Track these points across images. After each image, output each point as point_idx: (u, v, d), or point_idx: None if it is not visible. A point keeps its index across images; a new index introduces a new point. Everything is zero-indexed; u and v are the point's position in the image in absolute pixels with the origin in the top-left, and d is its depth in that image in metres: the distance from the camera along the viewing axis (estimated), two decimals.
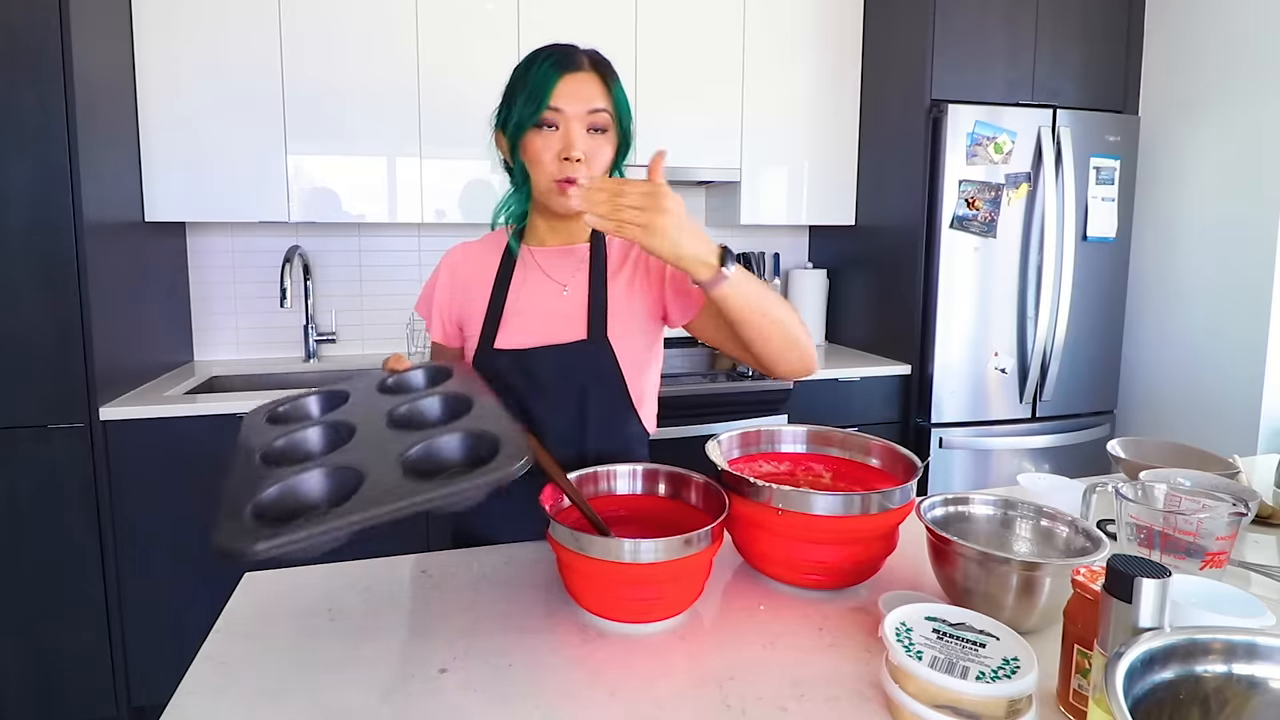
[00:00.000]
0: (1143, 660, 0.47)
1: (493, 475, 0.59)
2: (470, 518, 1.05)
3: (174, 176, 2.00)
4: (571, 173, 0.94)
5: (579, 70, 0.95)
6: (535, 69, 0.95)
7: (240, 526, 0.55)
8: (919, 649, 0.60)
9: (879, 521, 0.80)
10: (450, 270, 1.10)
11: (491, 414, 0.74)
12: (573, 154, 0.93)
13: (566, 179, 0.95)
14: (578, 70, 0.95)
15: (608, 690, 0.66)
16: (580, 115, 0.94)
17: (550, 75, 0.94)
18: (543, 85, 0.93)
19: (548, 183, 0.96)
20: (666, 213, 0.75)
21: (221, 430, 1.78)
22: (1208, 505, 0.85)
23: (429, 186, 2.17)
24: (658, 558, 0.72)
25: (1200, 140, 2.24)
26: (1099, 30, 2.34)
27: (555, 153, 0.95)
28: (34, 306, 1.64)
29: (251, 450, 0.71)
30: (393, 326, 2.49)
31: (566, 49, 0.97)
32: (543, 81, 0.93)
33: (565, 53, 0.96)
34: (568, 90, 0.94)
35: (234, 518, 0.56)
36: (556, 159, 0.95)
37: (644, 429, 1.06)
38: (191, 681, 0.68)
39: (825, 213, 2.55)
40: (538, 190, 0.99)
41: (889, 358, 2.39)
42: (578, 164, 0.94)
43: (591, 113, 0.95)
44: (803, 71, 2.45)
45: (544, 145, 0.95)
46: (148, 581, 1.79)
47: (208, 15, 1.97)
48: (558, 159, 0.95)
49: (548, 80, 0.93)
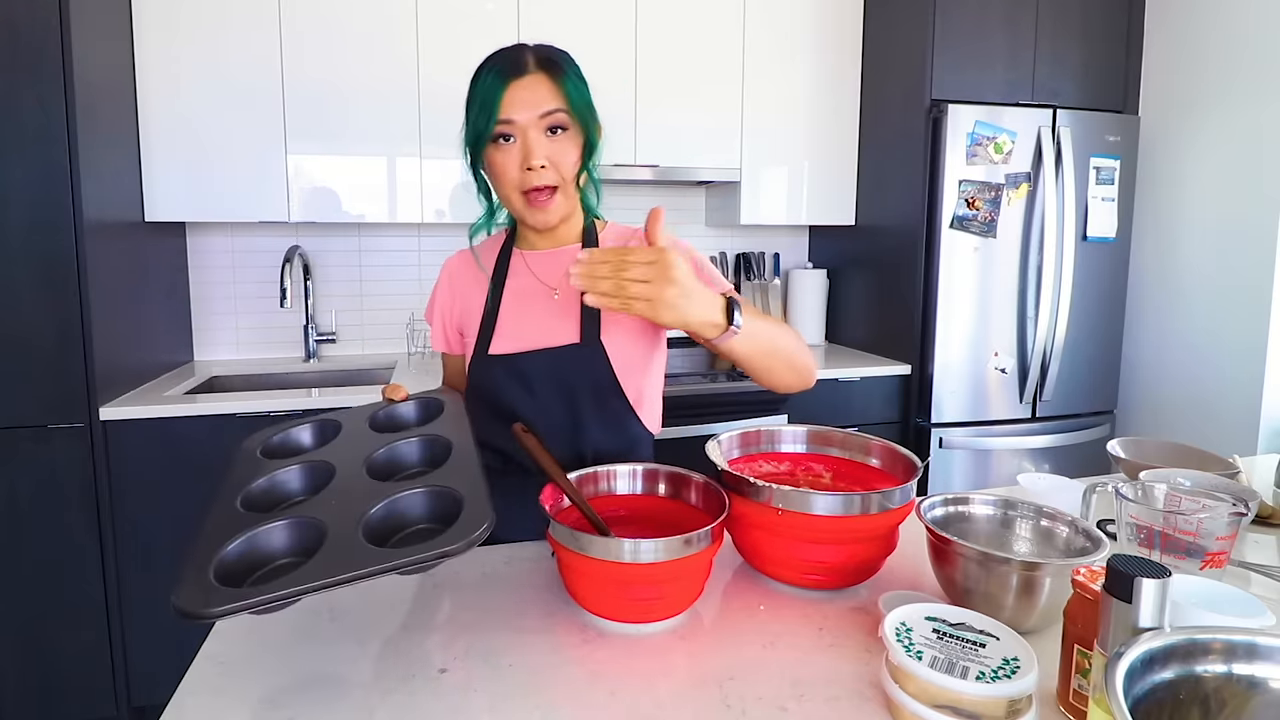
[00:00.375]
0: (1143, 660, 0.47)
1: (442, 550, 0.59)
2: None
3: (174, 176, 2.00)
4: (537, 181, 0.92)
5: (524, 74, 0.91)
6: (481, 82, 0.92)
7: (199, 586, 0.57)
8: (919, 649, 0.60)
9: (879, 521, 0.80)
10: (449, 278, 1.11)
11: (464, 467, 0.75)
12: (533, 163, 0.91)
13: (533, 189, 0.93)
14: (523, 74, 0.91)
15: (608, 690, 0.66)
16: (534, 121, 0.91)
17: (496, 86, 0.91)
18: (491, 98, 0.90)
19: (518, 199, 0.95)
20: (674, 284, 0.72)
21: (221, 430, 1.78)
22: (1208, 505, 0.85)
23: (429, 186, 2.17)
24: (658, 558, 0.72)
25: (1200, 140, 2.24)
26: (1099, 30, 2.34)
27: (517, 164, 0.92)
28: (34, 306, 1.64)
29: (236, 487, 0.74)
30: (393, 326, 2.49)
31: (511, 53, 0.93)
32: (489, 93, 0.91)
33: (509, 59, 0.92)
34: (516, 98, 0.91)
35: (196, 575, 0.58)
36: (519, 170, 0.92)
37: (646, 430, 1.06)
38: (191, 681, 0.68)
39: (825, 213, 2.55)
40: (510, 207, 0.98)
41: (889, 358, 2.39)
42: (543, 170, 0.92)
43: (544, 115, 0.91)
44: (803, 71, 2.45)
45: (505, 160, 0.93)
46: (148, 581, 1.79)
47: (208, 15, 1.97)
48: (520, 170, 0.92)
49: (494, 91, 0.90)
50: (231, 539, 0.63)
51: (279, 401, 1.82)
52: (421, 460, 0.82)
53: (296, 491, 0.77)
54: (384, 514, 0.67)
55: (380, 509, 0.67)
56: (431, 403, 0.93)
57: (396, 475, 0.78)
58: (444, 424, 0.86)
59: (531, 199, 0.94)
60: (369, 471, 0.76)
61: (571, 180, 0.95)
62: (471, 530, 0.61)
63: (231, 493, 0.73)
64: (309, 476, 0.78)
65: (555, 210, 0.96)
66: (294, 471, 0.79)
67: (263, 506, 0.73)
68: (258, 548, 0.65)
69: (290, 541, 0.66)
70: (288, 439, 0.88)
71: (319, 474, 0.77)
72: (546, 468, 0.83)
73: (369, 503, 0.68)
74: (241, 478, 0.77)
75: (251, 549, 0.64)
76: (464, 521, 0.63)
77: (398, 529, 0.68)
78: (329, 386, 2.06)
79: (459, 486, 0.69)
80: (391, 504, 0.69)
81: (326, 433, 0.88)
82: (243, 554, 0.63)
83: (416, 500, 0.70)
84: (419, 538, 0.67)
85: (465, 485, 0.70)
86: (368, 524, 0.65)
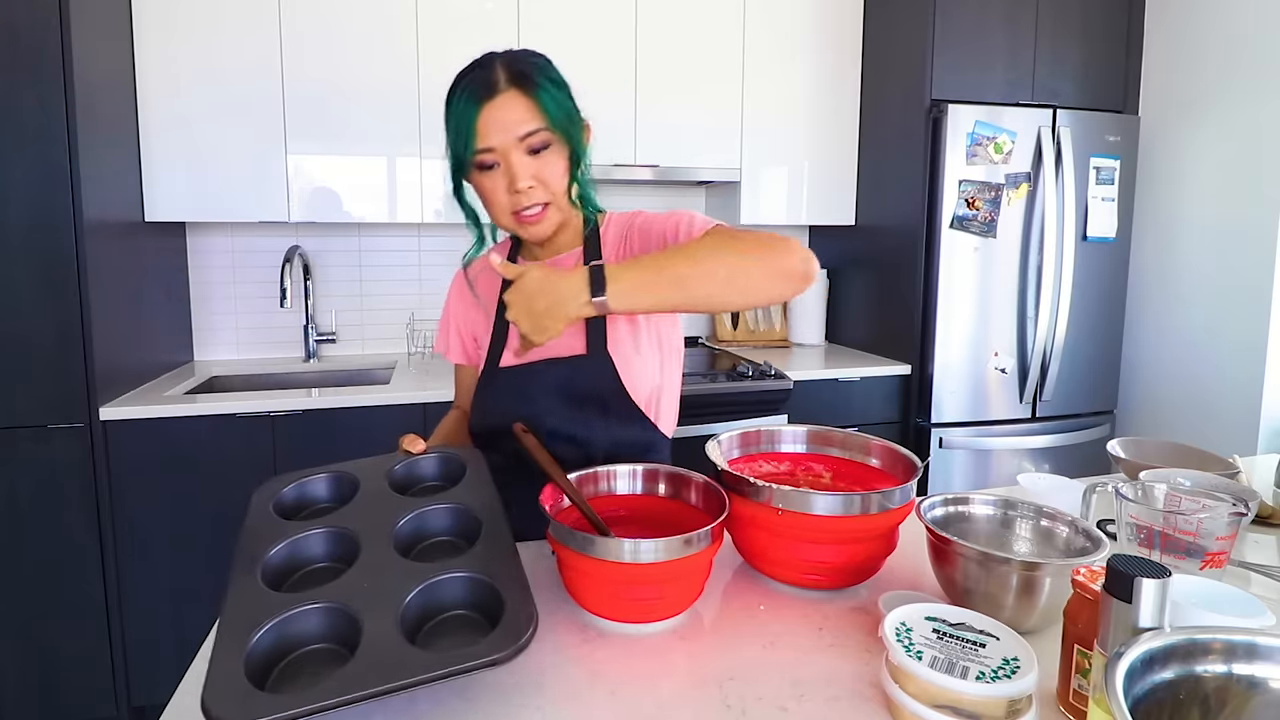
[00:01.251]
0: (1143, 660, 0.47)
1: (491, 659, 0.58)
2: None
3: (174, 176, 2.00)
4: (526, 201, 0.90)
5: (497, 94, 0.87)
6: (455, 105, 0.90)
7: (235, 693, 0.55)
8: (919, 649, 0.60)
9: (879, 521, 0.80)
10: (459, 290, 1.11)
11: (499, 550, 0.72)
12: (520, 185, 0.89)
13: (523, 209, 0.91)
14: (495, 94, 0.87)
15: (608, 690, 0.66)
16: (514, 143, 0.88)
17: (469, 111, 0.88)
18: (465, 124, 0.88)
19: (508, 219, 0.93)
20: (525, 301, 0.77)
21: (221, 430, 1.78)
22: (1208, 505, 0.85)
23: (429, 186, 2.17)
24: (658, 558, 0.72)
25: (1200, 140, 2.24)
26: (1099, 30, 2.34)
27: (504, 188, 0.90)
28: (34, 306, 1.64)
29: (255, 557, 0.71)
30: (393, 326, 2.49)
31: (480, 71, 0.89)
32: (463, 119, 0.88)
33: (480, 79, 0.88)
34: (492, 120, 0.87)
35: (229, 679, 0.56)
36: (508, 193, 0.90)
37: (660, 434, 1.04)
38: (191, 681, 0.67)
39: (825, 213, 2.55)
40: (500, 225, 0.97)
41: (889, 358, 2.39)
42: (531, 190, 0.90)
43: (524, 137, 0.88)
44: (803, 71, 2.45)
45: (492, 186, 0.91)
46: (148, 582, 1.79)
47: (207, 15, 1.97)
48: (509, 193, 0.90)
49: (468, 117, 0.88)
50: (260, 626, 0.62)
51: (279, 402, 1.82)
52: (449, 530, 0.79)
53: (319, 559, 0.75)
54: (420, 601, 0.66)
55: (416, 597, 0.66)
56: (452, 460, 0.90)
57: (423, 544, 0.76)
58: (471, 492, 0.83)
59: (522, 218, 0.92)
60: (396, 545, 0.74)
61: (562, 193, 0.94)
62: (518, 635, 0.60)
63: (250, 563, 0.70)
64: (332, 545, 0.76)
65: (549, 223, 0.94)
66: (316, 539, 0.76)
67: (285, 579, 0.71)
68: (288, 634, 0.63)
69: (322, 627, 0.64)
70: (303, 493, 0.85)
71: (343, 543, 0.75)
72: (546, 468, 0.83)
73: (403, 589, 0.66)
74: (259, 543, 0.74)
75: (281, 636, 0.62)
76: (508, 623, 0.61)
77: (432, 616, 0.67)
78: (329, 386, 2.06)
79: (498, 578, 0.67)
80: (427, 591, 0.67)
81: (344, 490, 0.85)
82: (273, 642, 0.62)
83: (452, 587, 0.68)
84: (454, 625, 0.66)
85: (504, 577, 0.68)
86: (404, 616, 0.63)
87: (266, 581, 0.69)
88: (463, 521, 0.80)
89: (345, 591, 0.66)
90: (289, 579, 0.73)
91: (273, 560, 0.72)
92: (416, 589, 0.66)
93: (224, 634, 0.61)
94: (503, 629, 0.61)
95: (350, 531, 0.76)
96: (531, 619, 0.62)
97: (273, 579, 0.70)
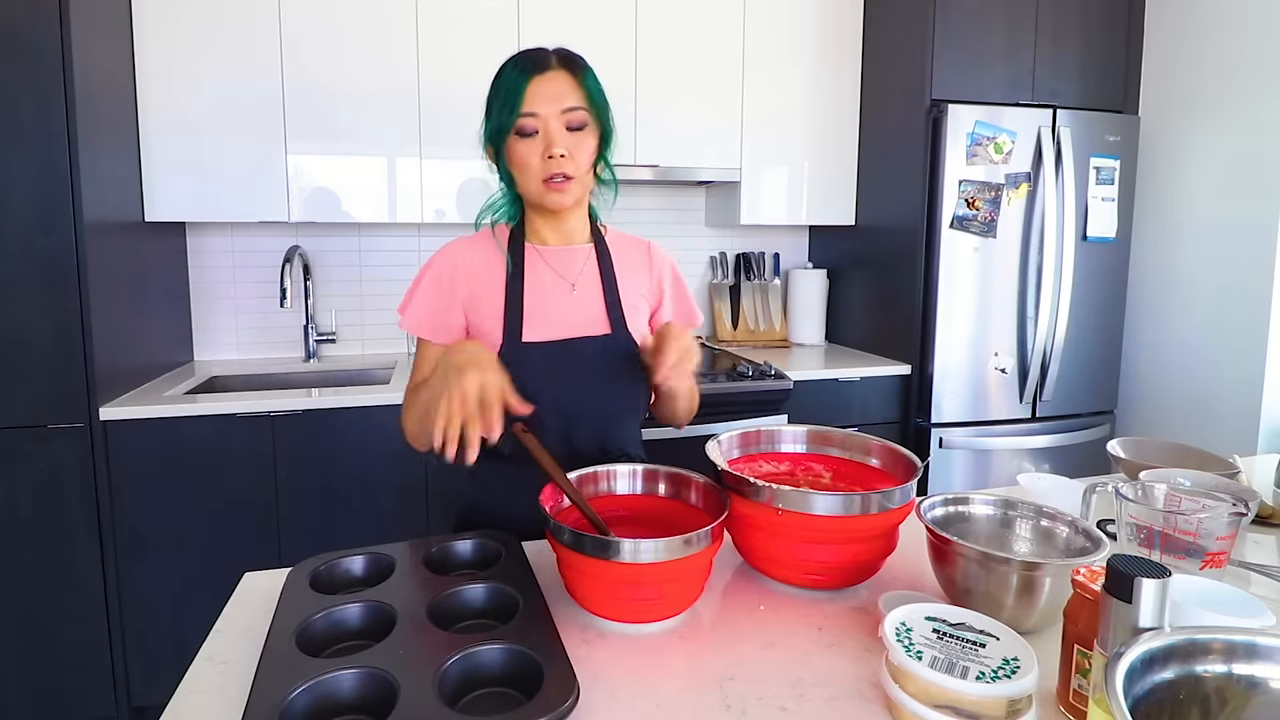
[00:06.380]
0: (1143, 660, 0.47)
1: None
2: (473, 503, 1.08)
3: (174, 176, 2.00)
4: (557, 169, 0.96)
5: (547, 70, 0.96)
6: (505, 77, 0.97)
7: None
8: (919, 649, 0.60)
9: (879, 521, 0.80)
10: (452, 262, 1.05)
11: (536, 625, 0.71)
12: (555, 151, 0.96)
13: (553, 176, 0.97)
14: (546, 70, 0.96)
15: (608, 690, 0.66)
16: (556, 115, 0.96)
17: (520, 81, 0.95)
18: (514, 91, 0.95)
19: (537, 185, 0.98)
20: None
21: (221, 430, 1.78)
22: (1208, 505, 0.85)
23: (428, 186, 2.17)
24: (658, 558, 0.72)
25: (1200, 140, 2.24)
26: (1099, 30, 2.34)
27: (539, 154, 0.97)
28: (34, 306, 1.64)
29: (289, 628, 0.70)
30: (393, 326, 2.49)
31: (534, 52, 0.99)
32: (514, 88, 0.95)
33: (532, 56, 0.98)
34: (539, 92, 0.95)
35: None
36: (541, 159, 0.97)
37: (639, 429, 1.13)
38: (191, 681, 0.68)
39: (825, 213, 2.55)
40: (529, 193, 1.01)
41: (889, 358, 2.39)
42: (563, 159, 0.96)
43: (566, 111, 0.96)
44: (803, 71, 2.45)
45: (528, 151, 0.97)
46: (148, 581, 1.79)
47: (207, 15, 1.97)
48: (542, 159, 0.97)
49: (518, 86, 0.95)
50: (295, 687, 0.61)
51: (279, 402, 1.82)
52: (485, 607, 0.78)
53: (355, 629, 0.74)
54: (458, 671, 0.65)
55: (454, 665, 0.65)
56: (489, 546, 0.90)
57: (459, 623, 0.75)
58: (508, 572, 0.83)
59: (550, 185, 0.98)
60: (431, 617, 0.73)
61: (588, 170, 1.00)
62: (559, 703, 0.59)
63: (285, 634, 0.69)
64: (369, 617, 0.75)
65: (570, 193, 1.00)
66: (353, 610, 0.75)
67: (321, 646, 0.70)
68: (322, 696, 0.62)
69: (358, 692, 0.63)
70: (335, 569, 0.85)
71: (381, 615, 0.74)
72: (546, 467, 0.83)
73: (440, 659, 0.65)
74: (295, 614, 0.73)
75: (316, 699, 0.61)
76: (547, 691, 0.60)
77: (469, 689, 0.66)
78: (329, 386, 2.06)
79: (535, 649, 0.66)
80: (465, 660, 0.66)
81: (381, 568, 0.85)
82: (307, 706, 0.61)
83: (487, 658, 0.67)
84: (491, 702, 0.65)
85: (541, 648, 0.67)
86: (441, 684, 0.62)
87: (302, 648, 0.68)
88: (500, 600, 0.78)
89: (381, 659, 0.65)
90: (327, 647, 0.72)
91: (311, 629, 0.71)
92: (454, 658, 0.65)
93: (254, 694, 0.60)
94: (543, 697, 0.60)
95: (388, 607, 0.74)
96: (572, 689, 0.61)
97: (308, 648, 0.69)
